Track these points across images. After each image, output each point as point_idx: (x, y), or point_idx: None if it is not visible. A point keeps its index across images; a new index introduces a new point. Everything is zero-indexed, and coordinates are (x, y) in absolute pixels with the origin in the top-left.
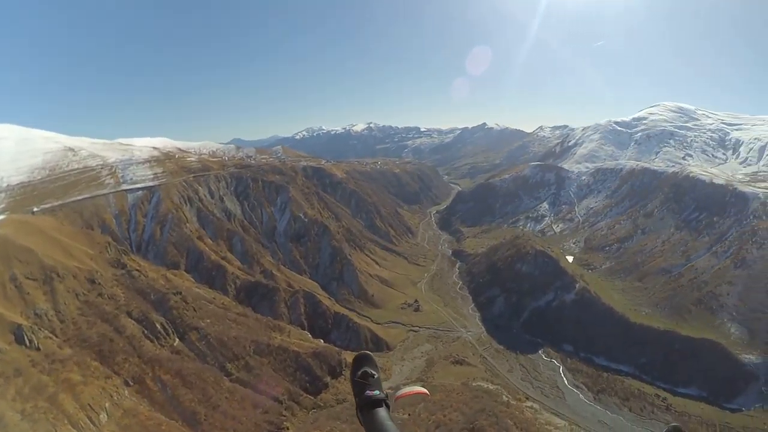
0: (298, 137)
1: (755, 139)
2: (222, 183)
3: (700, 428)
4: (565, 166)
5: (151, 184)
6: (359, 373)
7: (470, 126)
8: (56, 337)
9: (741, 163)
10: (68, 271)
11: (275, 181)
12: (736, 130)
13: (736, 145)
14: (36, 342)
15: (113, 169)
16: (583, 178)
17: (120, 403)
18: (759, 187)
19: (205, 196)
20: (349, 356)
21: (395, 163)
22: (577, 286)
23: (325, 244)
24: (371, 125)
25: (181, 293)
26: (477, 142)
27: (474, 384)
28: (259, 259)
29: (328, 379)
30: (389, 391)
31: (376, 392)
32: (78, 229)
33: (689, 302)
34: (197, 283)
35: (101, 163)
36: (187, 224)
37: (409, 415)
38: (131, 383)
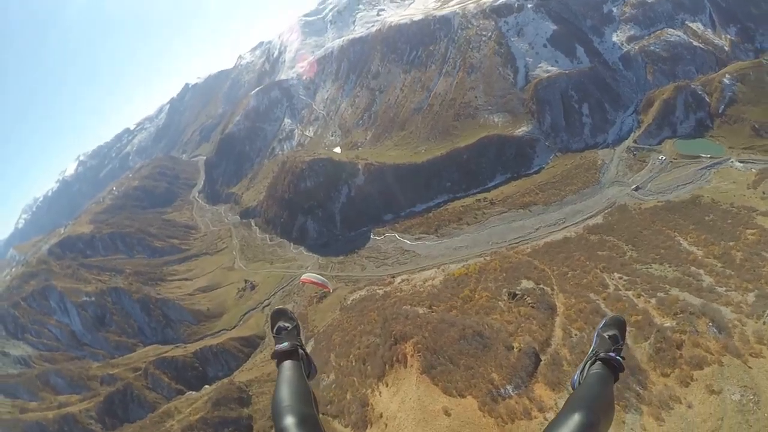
0: None
1: None
2: None
3: None
4: (283, 76)
5: None
6: (274, 329)
7: (173, 96)
8: None
9: None
10: None
11: None
12: None
13: None
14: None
15: None
16: (304, 77)
17: None
18: None
19: None
20: None
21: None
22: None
23: None
24: None
25: None
26: (191, 107)
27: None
28: None
29: None
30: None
31: (284, 344)
32: None
33: None
34: None
35: None
36: None
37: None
38: None
